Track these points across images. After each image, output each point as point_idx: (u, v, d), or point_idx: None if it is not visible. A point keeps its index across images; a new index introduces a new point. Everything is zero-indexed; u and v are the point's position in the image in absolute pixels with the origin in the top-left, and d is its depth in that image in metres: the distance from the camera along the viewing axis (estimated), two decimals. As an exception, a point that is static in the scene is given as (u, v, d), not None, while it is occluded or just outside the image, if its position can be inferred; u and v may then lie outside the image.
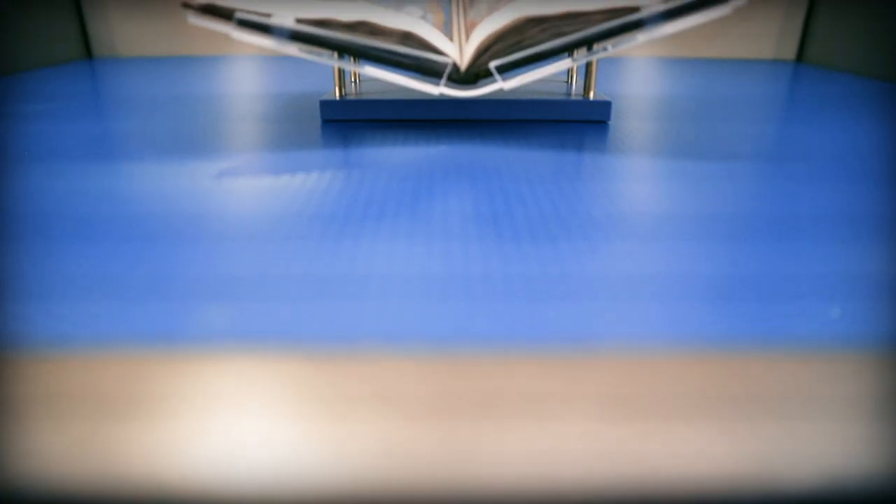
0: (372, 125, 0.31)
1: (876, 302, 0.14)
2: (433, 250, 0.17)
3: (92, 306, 0.14)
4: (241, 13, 0.25)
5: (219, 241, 0.17)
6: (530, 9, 0.26)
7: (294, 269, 0.16)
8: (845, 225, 0.19)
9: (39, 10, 0.59)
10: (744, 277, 0.15)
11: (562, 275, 0.15)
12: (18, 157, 0.26)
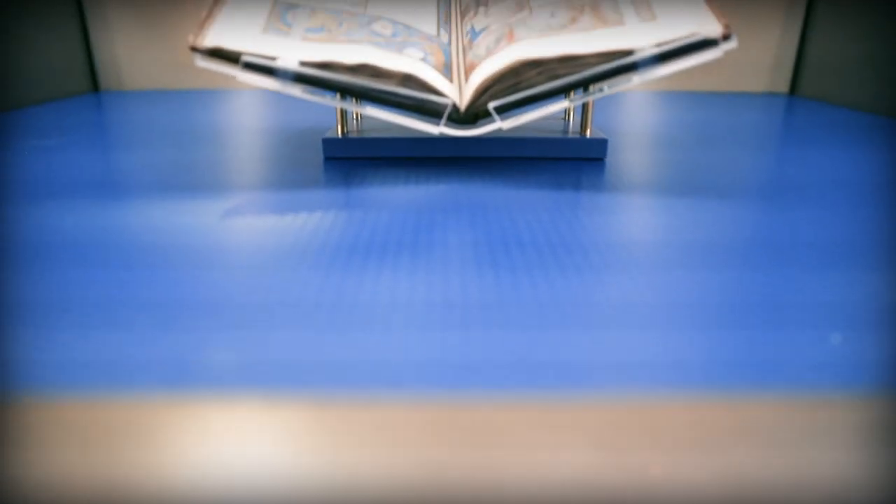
0: (374, 162, 0.32)
1: (872, 335, 0.15)
2: (433, 290, 0.17)
3: (93, 347, 0.14)
4: (247, 56, 0.26)
5: (223, 283, 0.18)
6: (527, 52, 0.26)
7: (297, 313, 0.16)
8: (841, 257, 0.20)
9: (49, 44, 0.60)
10: (741, 312, 0.16)
11: (560, 314, 0.16)
12: (26, 192, 0.27)
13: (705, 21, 0.26)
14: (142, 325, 0.15)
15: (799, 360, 0.14)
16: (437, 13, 0.32)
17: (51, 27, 0.61)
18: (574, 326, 0.15)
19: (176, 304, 0.17)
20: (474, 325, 0.15)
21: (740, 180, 0.30)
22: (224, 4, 0.28)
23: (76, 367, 0.13)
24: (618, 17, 0.27)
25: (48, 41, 0.60)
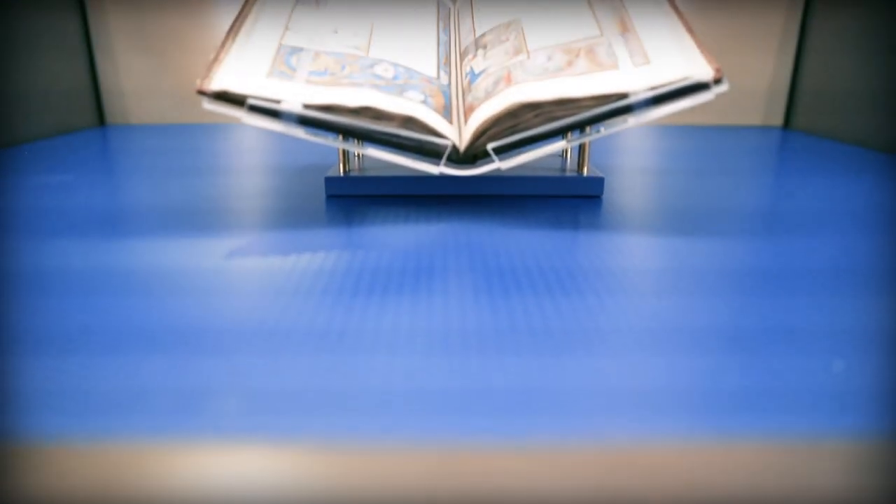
0: (375, 200, 0.32)
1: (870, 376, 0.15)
2: (433, 325, 0.18)
3: (96, 392, 0.15)
4: (252, 100, 0.26)
5: (227, 325, 0.18)
6: (525, 95, 0.27)
7: (300, 350, 0.16)
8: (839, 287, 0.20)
9: (56, 78, 0.61)
10: (742, 343, 0.16)
11: (558, 349, 0.16)
12: (32, 232, 0.27)
13: (697, 65, 0.27)
14: (143, 366, 0.16)
15: (807, 396, 0.14)
16: (437, 55, 0.33)
17: (58, 61, 0.62)
18: (574, 366, 0.16)
19: (180, 346, 0.17)
20: (473, 361, 0.16)
21: (736, 217, 0.30)
22: (230, 48, 0.29)
23: (72, 404, 0.14)
24: (612, 61, 0.28)
25: (55, 75, 0.61)
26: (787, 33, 0.68)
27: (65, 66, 0.63)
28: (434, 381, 0.15)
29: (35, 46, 0.58)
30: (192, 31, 0.68)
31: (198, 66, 0.69)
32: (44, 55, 0.59)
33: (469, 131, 0.28)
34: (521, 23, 0.33)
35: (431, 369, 0.16)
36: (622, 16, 0.31)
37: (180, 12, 0.67)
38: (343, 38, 0.32)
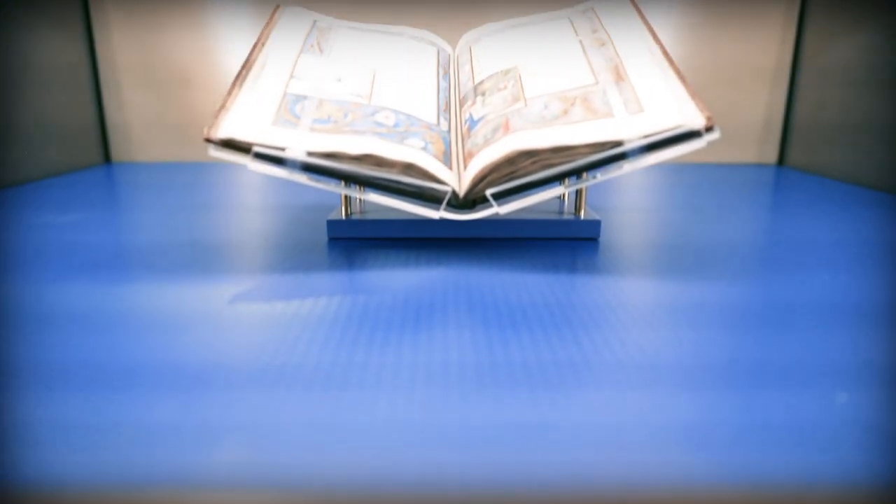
0: (376, 243, 0.33)
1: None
2: (434, 369, 0.18)
3: (97, 440, 0.15)
4: (257, 147, 0.27)
5: (232, 369, 0.19)
6: (523, 142, 0.28)
7: (304, 397, 0.17)
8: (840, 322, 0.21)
9: (64, 117, 0.62)
10: (741, 381, 0.17)
11: (555, 406, 0.16)
12: (37, 272, 0.28)
13: (689, 113, 0.27)
14: (145, 407, 0.16)
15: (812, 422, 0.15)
16: (437, 102, 0.34)
17: (66, 98, 0.63)
18: (573, 403, 0.16)
19: (183, 389, 0.17)
20: (473, 399, 0.16)
21: (731, 257, 0.31)
22: (238, 95, 0.30)
23: (67, 444, 0.14)
24: (607, 109, 0.29)
25: (63, 112, 0.62)
26: (778, 70, 0.69)
27: (72, 103, 0.65)
28: (437, 416, 0.16)
29: (45, 83, 0.59)
30: (198, 70, 0.69)
31: (203, 104, 0.70)
32: (51, 92, 0.61)
33: (468, 177, 0.29)
34: (518, 70, 0.34)
35: (433, 408, 0.16)
36: (616, 64, 0.32)
37: (187, 50, 0.69)
38: (346, 86, 0.32)
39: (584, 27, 0.36)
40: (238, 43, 0.69)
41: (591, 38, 0.35)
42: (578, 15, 0.38)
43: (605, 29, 0.35)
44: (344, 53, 0.35)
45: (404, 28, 0.41)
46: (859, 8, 0.58)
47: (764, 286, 0.27)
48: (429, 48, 0.39)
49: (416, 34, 0.40)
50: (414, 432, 0.16)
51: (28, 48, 0.57)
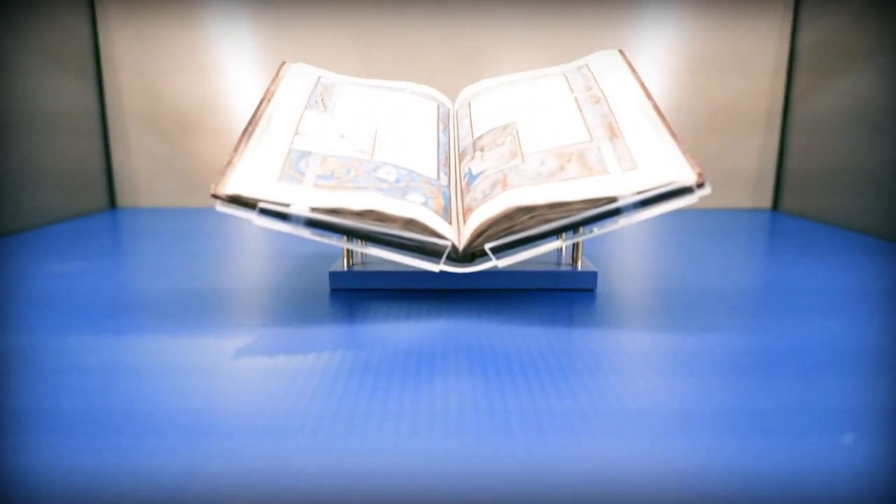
0: (378, 294, 0.34)
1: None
2: (434, 421, 0.19)
3: (99, 486, 0.15)
4: (263, 203, 0.28)
5: (237, 431, 0.19)
6: (520, 198, 0.29)
7: (306, 455, 0.17)
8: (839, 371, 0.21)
9: (70, 163, 0.63)
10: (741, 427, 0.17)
11: (552, 463, 0.17)
12: (41, 323, 0.28)
13: (681, 169, 0.28)
14: (147, 463, 0.16)
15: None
16: (437, 156, 0.35)
17: (75, 145, 0.65)
18: (573, 450, 0.16)
19: (186, 445, 0.18)
20: (472, 454, 0.16)
21: (727, 306, 0.31)
22: (244, 151, 0.31)
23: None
24: (602, 166, 0.30)
25: (71, 159, 0.64)
26: (770, 116, 0.71)
27: (80, 148, 0.66)
28: (438, 465, 0.16)
29: (52, 127, 0.61)
30: (204, 116, 0.71)
31: (208, 150, 0.71)
32: (59, 137, 0.62)
33: (468, 232, 0.30)
34: (516, 126, 0.35)
35: (434, 456, 0.16)
36: (610, 121, 0.33)
37: (194, 97, 0.70)
38: (349, 142, 0.34)
39: (578, 84, 0.37)
40: (244, 91, 0.71)
41: (585, 94, 0.36)
42: (573, 71, 0.39)
43: (598, 86, 0.36)
44: (347, 109, 0.37)
45: (405, 83, 0.42)
46: (847, 54, 0.59)
47: (760, 334, 0.27)
48: (429, 103, 0.40)
49: (417, 89, 0.42)
50: (415, 480, 0.16)
51: (38, 93, 0.58)
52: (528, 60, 0.70)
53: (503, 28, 0.70)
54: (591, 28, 0.70)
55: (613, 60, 0.39)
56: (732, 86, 0.70)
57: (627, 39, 0.70)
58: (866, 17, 0.57)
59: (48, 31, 0.60)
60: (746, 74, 0.70)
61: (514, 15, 0.70)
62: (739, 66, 0.70)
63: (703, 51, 0.70)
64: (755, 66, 0.70)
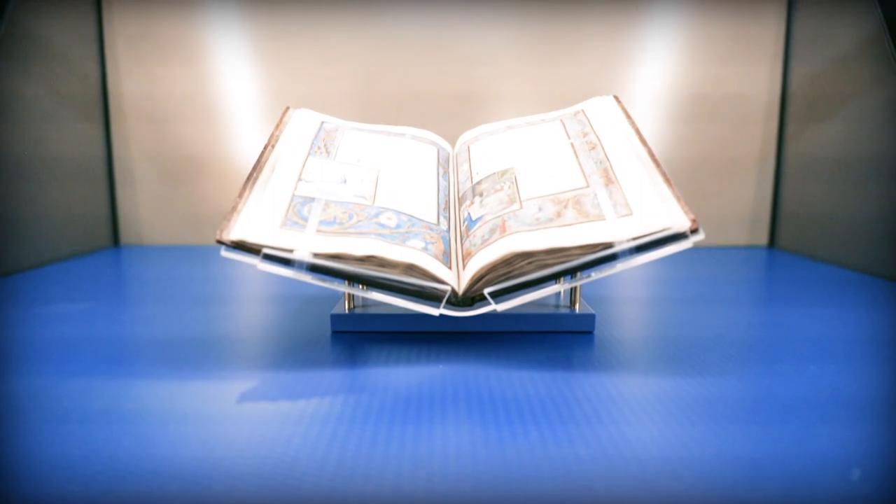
0: (379, 336, 0.34)
1: None
2: (434, 476, 0.19)
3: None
4: (267, 249, 0.29)
5: (242, 477, 0.19)
6: (518, 244, 0.30)
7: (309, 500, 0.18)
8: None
9: (75, 202, 0.64)
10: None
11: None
12: (46, 370, 0.29)
13: (676, 216, 0.29)
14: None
15: None
16: (437, 201, 0.36)
17: (80, 185, 0.66)
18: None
19: (193, 486, 0.18)
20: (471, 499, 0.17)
21: (725, 348, 0.32)
22: (248, 198, 0.32)
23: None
24: (598, 212, 0.31)
25: (76, 198, 0.65)
26: (764, 155, 0.72)
27: (85, 188, 0.67)
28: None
29: (58, 168, 0.62)
30: (209, 157, 0.72)
31: (211, 190, 0.72)
32: (65, 177, 0.63)
33: (467, 276, 0.31)
34: (514, 172, 0.36)
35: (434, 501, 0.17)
36: (606, 167, 0.34)
37: (199, 141, 0.72)
38: (351, 187, 0.34)
39: (574, 129, 0.38)
40: (249, 133, 0.72)
41: (581, 140, 0.37)
42: (569, 117, 0.40)
43: (594, 132, 0.37)
44: (349, 155, 0.37)
45: (406, 128, 0.43)
46: (837, 98, 0.61)
47: (759, 381, 0.28)
48: (429, 148, 0.41)
49: (417, 134, 0.43)
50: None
51: (48, 136, 0.60)
52: (525, 104, 0.72)
53: (502, 73, 0.71)
54: (585, 74, 0.71)
55: (608, 106, 0.40)
56: (728, 130, 0.72)
57: (622, 84, 0.71)
58: (857, 58, 0.58)
59: (60, 74, 0.62)
60: (741, 123, 0.72)
61: (513, 59, 0.71)
62: (733, 112, 0.71)
63: (697, 97, 0.71)
64: (748, 111, 0.71)
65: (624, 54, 0.71)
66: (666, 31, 0.71)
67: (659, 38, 0.71)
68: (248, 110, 0.72)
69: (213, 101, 0.71)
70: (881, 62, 0.54)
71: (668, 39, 0.71)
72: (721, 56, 0.70)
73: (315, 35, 0.71)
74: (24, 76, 0.56)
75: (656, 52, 0.71)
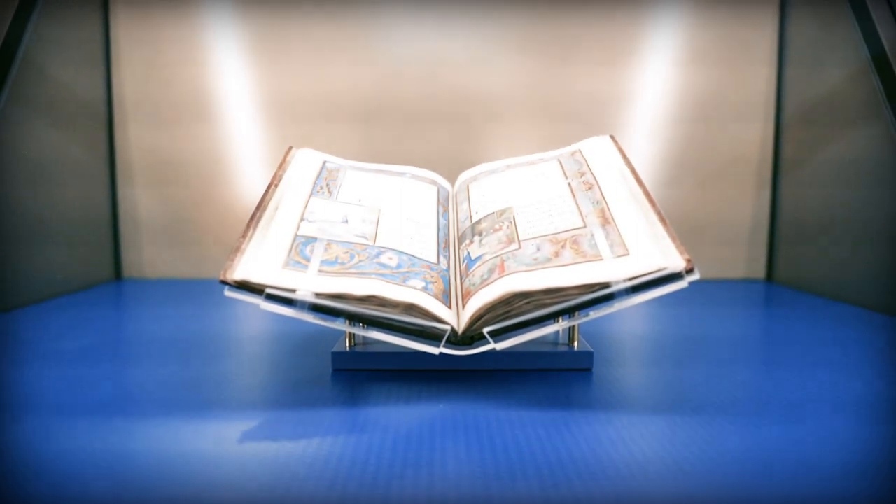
0: (379, 374, 0.34)
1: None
2: None
3: None
4: (269, 289, 0.29)
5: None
6: (517, 284, 0.30)
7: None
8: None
9: (79, 237, 0.65)
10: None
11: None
12: (44, 410, 0.29)
13: (671, 256, 0.30)
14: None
15: None
16: (437, 241, 0.37)
17: (82, 222, 0.66)
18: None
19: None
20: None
21: (724, 392, 0.32)
22: (252, 237, 0.32)
23: None
24: (595, 252, 0.31)
25: (78, 232, 0.65)
26: (761, 173, 0.73)
27: (87, 218, 0.68)
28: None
29: (63, 202, 0.62)
30: (211, 191, 0.73)
31: (213, 224, 0.73)
32: (69, 215, 0.64)
33: (466, 316, 0.31)
34: (513, 211, 0.36)
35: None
36: (603, 208, 0.34)
37: (202, 174, 0.73)
38: (352, 227, 0.35)
39: (572, 169, 0.39)
40: (252, 170, 0.73)
41: (578, 180, 0.38)
42: (567, 156, 0.41)
43: (591, 171, 0.38)
44: (351, 195, 0.38)
45: (406, 167, 0.44)
46: (831, 125, 0.62)
47: (757, 423, 0.28)
48: (429, 187, 0.42)
49: (418, 173, 0.44)
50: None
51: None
52: (524, 144, 0.73)
53: (500, 113, 0.73)
54: (582, 120, 0.73)
55: (605, 146, 0.41)
56: (721, 162, 0.73)
57: (618, 128, 0.73)
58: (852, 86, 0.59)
59: (67, 110, 0.63)
60: (734, 178, 0.73)
61: (511, 101, 0.73)
62: (728, 157, 0.73)
63: (691, 138, 0.73)
64: (742, 165, 0.73)
65: (623, 111, 0.72)
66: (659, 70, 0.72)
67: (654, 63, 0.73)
68: (251, 151, 0.73)
69: (217, 144, 0.73)
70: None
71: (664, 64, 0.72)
72: (715, 81, 0.72)
73: (321, 71, 0.72)
74: (33, 122, 0.57)
75: (652, 65, 0.72)
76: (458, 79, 0.73)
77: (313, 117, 0.72)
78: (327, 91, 0.72)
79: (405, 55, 0.73)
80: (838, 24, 0.60)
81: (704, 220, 0.74)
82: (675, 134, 0.73)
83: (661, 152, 0.73)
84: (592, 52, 0.72)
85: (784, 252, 0.71)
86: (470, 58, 0.72)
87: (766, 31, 0.71)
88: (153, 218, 0.73)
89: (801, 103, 0.68)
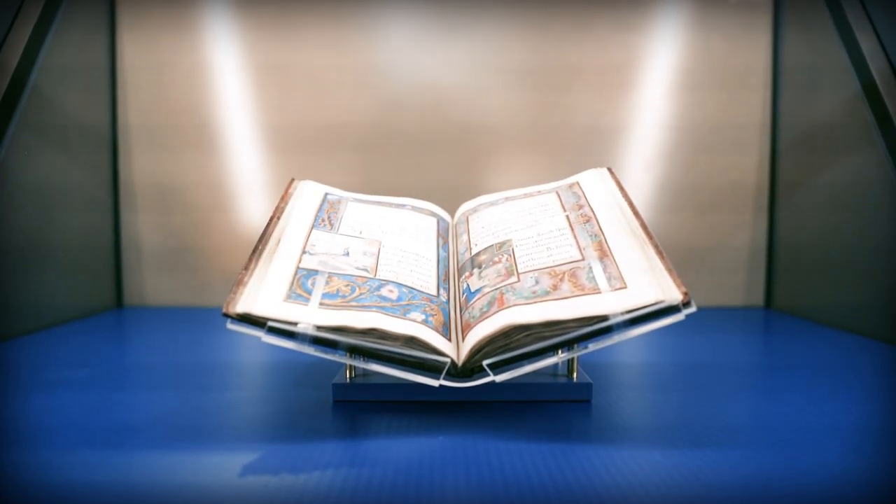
0: (380, 405, 0.35)
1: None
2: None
3: None
4: (272, 322, 0.30)
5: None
6: (516, 317, 0.30)
7: None
8: None
9: (80, 266, 0.66)
10: None
11: None
12: (47, 441, 0.29)
13: (668, 289, 0.30)
14: None
15: None
16: (437, 273, 0.37)
17: (84, 249, 0.67)
18: None
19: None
20: None
21: (724, 424, 0.32)
22: (253, 271, 0.33)
23: None
24: (593, 285, 0.32)
25: (81, 261, 0.66)
26: (758, 194, 0.73)
27: (89, 251, 0.68)
28: None
29: (66, 227, 0.63)
30: (213, 221, 0.74)
31: (214, 252, 0.74)
32: (70, 242, 0.64)
33: (466, 348, 0.31)
34: (511, 244, 0.37)
35: None
36: (601, 240, 0.35)
37: (204, 202, 0.73)
38: (353, 260, 0.35)
39: (570, 201, 0.40)
40: (254, 199, 0.74)
41: (576, 213, 0.38)
42: (565, 189, 0.42)
43: (589, 204, 0.39)
44: (352, 227, 0.39)
45: (406, 199, 0.44)
46: (827, 150, 0.62)
47: (755, 451, 0.28)
48: (429, 219, 0.43)
49: (418, 205, 0.44)
50: None
51: (55, 200, 0.61)
52: (523, 174, 0.74)
53: (500, 143, 0.74)
54: (581, 150, 0.74)
55: (603, 178, 0.41)
56: (719, 185, 0.74)
57: (616, 155, 0.74)
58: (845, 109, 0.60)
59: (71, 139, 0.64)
60: (730, 207, 0.74)
61: (511, 132, 0.74)
62: (724, 180, 0.73)
63: (687, 182, 0.73)
64: (738, 189, 0.73)
65: (619, 141, 0.74)
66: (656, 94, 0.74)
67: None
68: (254, 180, 0.74)
69: (220, 172, 0.73)
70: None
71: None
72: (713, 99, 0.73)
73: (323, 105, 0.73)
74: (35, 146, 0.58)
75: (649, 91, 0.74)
76: (458, 110, 0.74)
77: (315, 146, 0.73)
78: (329, 120, 0.73)
79: (406, 86, 0.74)
80: (831, 50, 0.61)
81: (703, 247, 0.74)
82: (672, 161, 0.74)
83: (659, 179, 0.74)
84: (591, 83, 0.73)
85: (782, 279, 0.71)
86: (470, 89, 0.74)
87: (760, 59, 0.72)
88: (155, 245, 0.74)
89: (797, 129, 0.69)
